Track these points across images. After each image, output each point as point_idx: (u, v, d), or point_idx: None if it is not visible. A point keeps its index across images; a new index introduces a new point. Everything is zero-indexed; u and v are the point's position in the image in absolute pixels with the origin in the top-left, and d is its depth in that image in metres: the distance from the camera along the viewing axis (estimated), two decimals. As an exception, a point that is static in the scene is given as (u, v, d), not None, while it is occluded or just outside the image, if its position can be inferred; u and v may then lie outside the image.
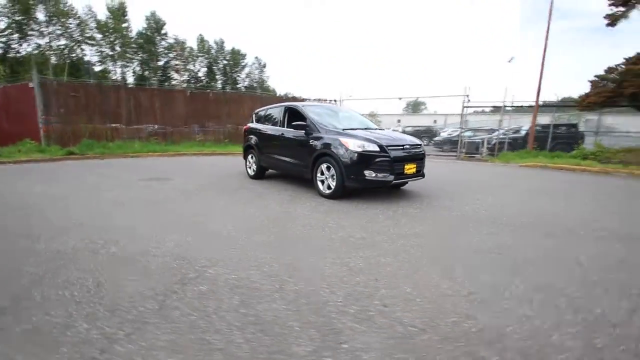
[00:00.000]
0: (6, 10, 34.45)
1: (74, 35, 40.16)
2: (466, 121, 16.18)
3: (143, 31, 47.22)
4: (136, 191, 5.58)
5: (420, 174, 5.24)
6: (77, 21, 39.95)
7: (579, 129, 16.65)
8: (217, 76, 65.01)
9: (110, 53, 44.87)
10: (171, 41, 51.14)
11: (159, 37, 49.48)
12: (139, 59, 49.00)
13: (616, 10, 11.06)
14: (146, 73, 49.72)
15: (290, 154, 5.96)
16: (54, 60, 37.89)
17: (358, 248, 3.07)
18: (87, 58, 43.06)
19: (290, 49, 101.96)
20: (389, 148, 4.80)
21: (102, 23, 42.34)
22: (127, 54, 46.33)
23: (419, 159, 5.17)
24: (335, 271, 2.57)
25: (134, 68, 48.98)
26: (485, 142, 16.44)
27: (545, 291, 2.32)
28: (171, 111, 14.62)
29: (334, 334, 1.80)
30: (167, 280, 2.38)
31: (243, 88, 65.03)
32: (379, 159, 4.72)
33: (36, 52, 36.56)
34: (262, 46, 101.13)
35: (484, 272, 2.60)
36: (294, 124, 5.63)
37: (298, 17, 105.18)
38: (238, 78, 68.02)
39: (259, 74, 70.40)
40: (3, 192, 5.43)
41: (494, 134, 17.81)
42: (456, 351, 1.69)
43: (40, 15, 37.10)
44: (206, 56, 62.29)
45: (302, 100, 16.84)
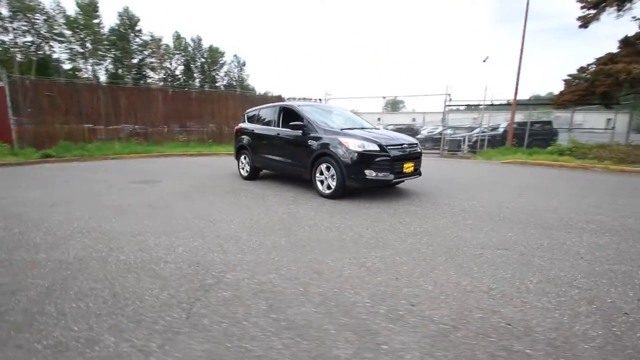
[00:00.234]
0: (-35, 3, 32.27)
1: (42, 32, 38.05)
2: (446, 119, 16.58)
3: (116, 27, 45.36)
4: (130, 195, 5.38)
5: (417, 172, 5.34)
6: (45, 17, 37.88)
7: (553, 126, 17.49)
8: (195, 74, 63.54)
9: (81, 50, 42.87)
10: (146, 38, 49.50)
11: (133, 34, 47.71)
12: (112, 56, 47.09)
13: (587, 12, 11.65)
14: (120, 71, 47.87)
15: (287, 154, 5.92)
16: (20, 58, 35.77)
17: (371, 248, 3.10)
18: (56, 55, 40.98)
19: (269, 48, 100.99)
20: (388, 147, 4.86)
21: (72, 19, 40.35)
22: (99, 51, 44.40)
23: (416, 157, 5.27)
24: (355, 272, 2.58)
25: (106, 66, 47.03)
26: (466, 140, 16.91)
27: (557, 284, 2.43)
28: (152, 111, 14.16)
29: (370, 335, 1.81)
30: (187, 287, 2.31)
31: (222, 87, 63.91)
32: (379, 159, 4.77)
33: (0, 49, 34.41)
34: (241, 44, 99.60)
35: (497, 267, 2.69)
36: (291, 124, 5.59)
37: (276, 15, 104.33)
38: (217, 76, 66.74)
39: (238, 72, 69.34)
40: (-19, 199, 5.10)
41: (473, 132, 18.42)
42: (491, 346, 1.74)
43: (4, 10, 34.96)
44: (183, 54, 60.70)
45: (284, 99, 16.73)
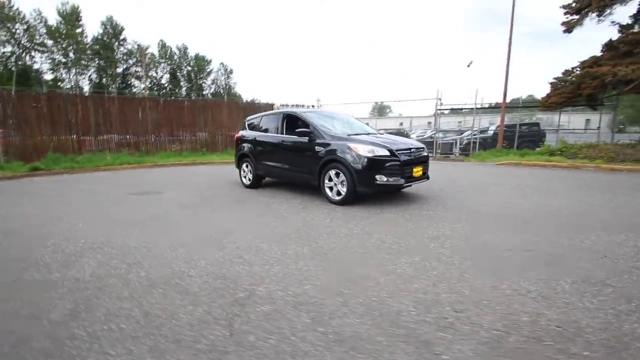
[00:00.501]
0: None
1: (22, 42, 37.05)
2: (438, 123, 16.84)
3: (99, 37, 44.59)
4: (132, 207, 5.20)
5: (425, 175, 5.36)
6: (25, 26, 36.93)
7: (540, 128, 17.98)
8: (182, 83, 62.98)
9: (63, 60, 41.90)
10: (130, 47, 48.82)
11: (117, 43, 46.98)
12: (96, 65, 46.19)
13: (571, 18, 12.08)
14: (104, 80, 46.96)
15: (293, 161, 5.85)
16: (-1, 69, 34.75)
17: (396, 254, 3.06)
18: (37, 66, 39.94)
19: (256, 55, 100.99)
20: (398, 152, 4.86)
21: (54, 28, 39.48)
22: (82, 61, 43.48)
23: (423, 161, 5.29)
24: (388, 279, 2.53)
25: (90, 75, 46.06)
26: (457, 143, 17.19)
27: (591, 283, 2.43)
28: (143, 120, 13.87)
29: (424, 345, 1.76)
30: (220, 303, 2.22)
31: (209, 95, 63.51)
32: (389, 163, 4.76)
33: (-23, 59, 33.33)
34: (227, 52, 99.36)
35: (527, 269, 2.69)
36: (297, 130, 5.54)
37: (262, 23, 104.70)
38: (204, 84, 66.31)
39: (225, 80, 69.10)
40: (-26, 216, 4.84)
41: (463, 135, 18.78)
42: (548, 350, 1.71)
43: (-19, 19, 33.98)
44: (169, 62, 60.14)
45: (274, 106, 16.69)
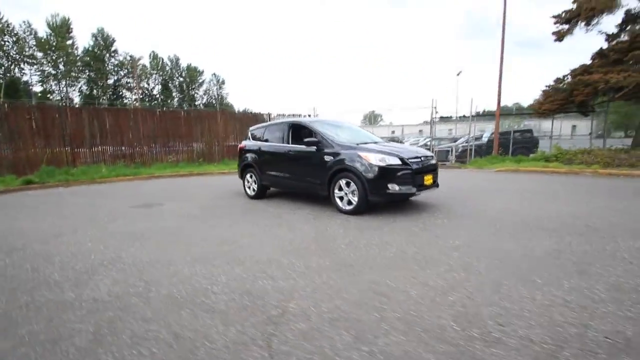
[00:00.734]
0: None
1: (11, 54, 36.52)
2: (434, 131, 17.03)
3: (90, 48, 44.28)
4: (136, 220, 5.05)
5: (435, 183, 5.34)
6: (14, 38, 36.47)
7: (533, 135, 18.31)
8: (174, 94, 62.80)
9: (53, 72, 41.40)
10: (121, 58, 48.56)
11: (108, 55, 46.70)
12: (86, 77, 45.74)
13: (561, 27, 12.45)
14: (95, 92, 46.47)
15: (301, 171, 5.78)
16: (-13, 81, 34.12)
17: (421, 265, 3.00)
18: (26, 78, 39.37)
19: (248, 65, 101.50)
20: (409, 160, 4.84)
21: (43, 40, 39.09)
22: (72, 73, 43.02)
23: (433, 169, 5.28)
24: (422, 292, 2.46)
25: (80, 87, 45.55)
26: (453, 150, 17.37)
27: (624, 290, 2.40)
28: (139, 132, 13.69)
29: (478, 362, 1.69)
30: (253, 321, 2.11)
31: (201, 105, 63.39)
32: (401, 172, 4.73)
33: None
34: (220, 63, 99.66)
35: (558, 277, 2.65)
36: (306, 140, 5.49)
37: (254, 34, 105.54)
38: (196, 95, 66.22)
39: (217, 90, 69.15)
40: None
41: (457, 142, 19.02)
42: (606, 364, 1.66)
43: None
44: (160, 73, 60.01)
45: (269, 116, 16.69)
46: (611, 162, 9.91)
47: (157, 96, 59.18)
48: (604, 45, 12.27)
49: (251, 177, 6.86)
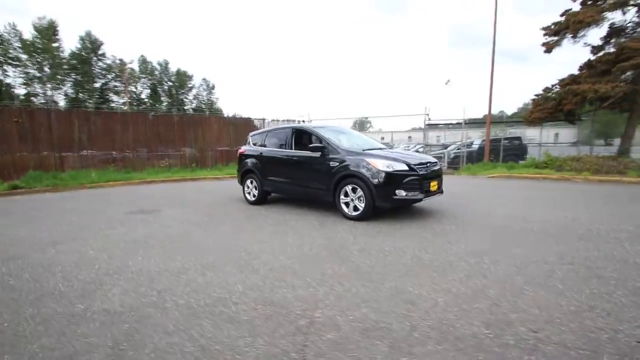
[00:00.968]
0: None
1: (-6, 56, 35.47)
2: (427, 137, 17.26)
3: (77, 51, 43.36)
4: (136, 227, 4.88)
5: (440, 189, 5.36)
6: (-2, 40, 35.47)
7: (522, 142, 18.75)
8: (162, 98, 61.98)
9: (38, 74, 40.31)
10: (109, 62, 47.67)
11: (95, 58, 45.82)
12: (72, 80, 44.68)
13: (550, 39, 12.86)
14: (80, 95, 45.40)
15: (305, 177, 5.73)
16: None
17: (440, 271, 2.97)
18: (10, 80, 38.18)
19: (238, 70, 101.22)
20: (416, 166, 4.85)
21: (29, 42, 38.09)
22: (57, 76, 41.96)
23: (438, 175, 5.30)
24: (448, 300, 2.43)
25: (65, 90, 44.43)
26: (445, 156, 17.62)
27: (646, 296, 2.43)
28: (130, 136, 13.40)
29: (520, 370, 1.66)
30: (282, 332, 2.04)
31: (191, 110, 62.76)
32: (408, 178, 4.73)
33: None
34: (210, 67, 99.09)
35: (578, 283, 2.66)
36: (311, 146, 5.45)
37: (245, 39, 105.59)
38: (185, 100, 65.53)
39: (207, 95, 68.61)
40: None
41: (449, 148, 19.32)
42: (646, 371, 1.65)
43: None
44: (149, 77, 59.20)
45: (264, 121, 16.63)
46: (600, 169, 10.20)
47: (146, 100, 58.27)
48: (584, 57, 12.75)
49: (251, 182, 6.76)
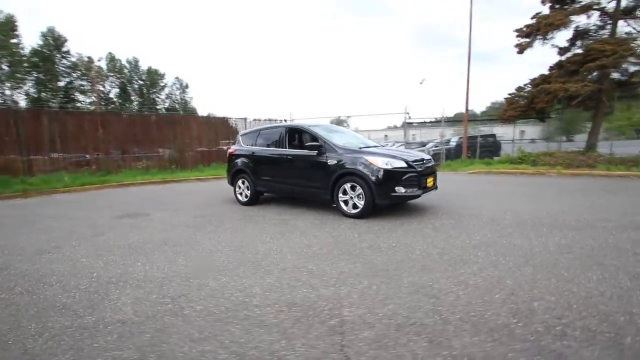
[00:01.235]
0: None
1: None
2: (408, 135, 17.62)
3: (39, 48, 40.69)
4: (127, 232, 4.64)
5: (434, 185, 5.48)
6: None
7: (496, 139, 19.58)
8: (133, 97, 59.47)
9: (-6, 72, 37.54)
10: (74, 59, 45.09)
11: (59, 55, 43.20)
12: (34, 79, 41.91)
13: (522, 40, 13.50)
14: (43, 95, 42.67)
15: (301, 176, 5.67)
16: None
17: (453, 265, 3.03)
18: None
19: (213, 70, 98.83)
20: (414, 163, 4.93)
21: (-18, 38, 35.40)
22: (16, 74, 39.21)
23: (433, 172, 5.42)
24: (468, 292, 2.48)
25: (27, 90, 41.59)
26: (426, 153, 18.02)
27: (647, 280, 2.59)
28: (104, 137, 12.78)
29: (560, 357, 1.71)
30: (316, 334, 2.00)
31: (163, 109, 60.67)
32: (407, 175, 4.80)
33: None
34: (183, 66, 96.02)
35: (583, 271, 2.79)
36: (308, 144, 5.41)
37: (219, 37, 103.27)
38: (157, 99, 63.25)
39: (180, 94, 66.60)
40: None
41: (427, 146, 19.86)
42: (669, 350, 1.76)
43: None
44: (118, 76, 56.62)
45: (245, 121, 16.38)
46: (571, 164, 10.84)
47: (115, 100, 55.68)
48: (545, 58, 13.61)
49: (243, 183, 6.62)
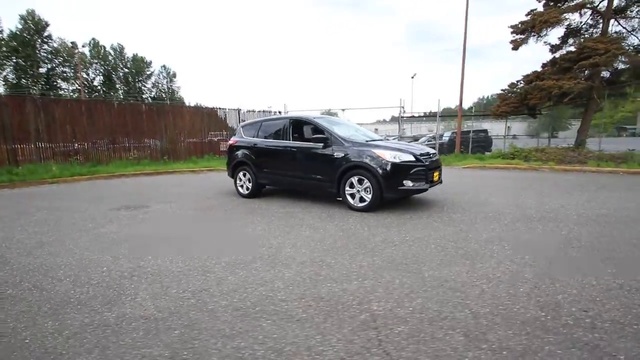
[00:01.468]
0: None
1: None
2: (401, 129, 17.70)
3: (18, 32, 38.89)
4: (128, 225, 4.51)
5: (440, 180, 5.51)
6: None
7: (488, 134, 19.86)
8: (118, 85, 57.74)
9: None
10: (56, 45, 43.30)
11: (40, 40, 41.41)
12: (12, 65, 40.12)
13: (517, 37, 13.63)
14: (23, 81, 40.96)
15: (306, 168, 5.61)
16: None
17: (470, 259, 3.05)
18: None
19: (202, 59, 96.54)
20: (421, 157, 4.93)
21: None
22: (-6, 58, 37.53)
23: (439, 166, 5.44)
24: (491, 285, 2.50)
25: (5, 76, 39.83)
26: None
27: (660, 274, 2.67)
28: (94, 126, 12.34)
29: (596, 349, 1.74)
30: (349, 329, 1.97)
31: (149, 99, 59.18)
32: (415, 169, 4.80)
33: None
34: (170, 54, 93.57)
35: (597, 264, 2.85)
36: (314, 137, 5.34)
37: (208, 26, 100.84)
38: (143, 88, 61.61)
39: (167, 83, 65.03)
40: None
41: (420, 140, 20.03)
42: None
43: None
44: (102, 63, 54.77)
45: (239, 112, 16.12)
46: (563, 159, 11.10)
47: (99, 88, 53.95)
48: (531, 55, 13.73)
49: (244, 175, 6.52)
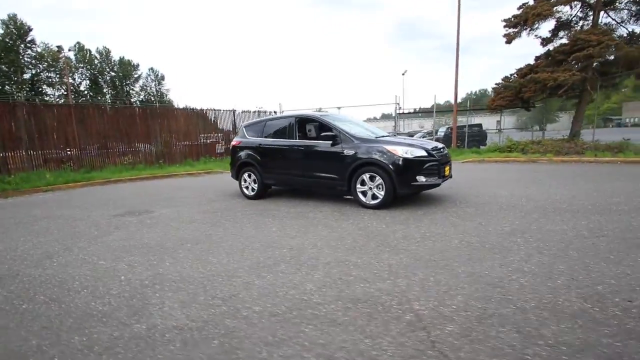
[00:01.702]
0: None
1: None
2: (397, 125, 17.71)
3: (0, 38, 37.86)
4: (137, 231, 4.36)
5: (450, 174, 5.47)
6: None
7: (482, 129, 20.03)
8: (105, 89, 56.75)
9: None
10: (40, 50, 42.25)
11: (23, 46, 40.37)
12: (-6, 71, 39.10)
13: (510, 30, 13.74)
14: (7, 88, 39.89)
15: (315, 167, 5.52)
16: None
17: (498, 252, 3.01)
18: None
19: (190, 61, 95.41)
20: (433, 152, 4.89)
21: None
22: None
23: (449, 160, 5.40)
24: (528, 279, 2.45)
25: (-13, 82, 38.79)
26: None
27: (690, 260, 2.66)
28: (86, 131, 12.04)
29: (652, 341, 1.70)
30: (397, 330, 1.90)
31: (138, 102, 58.33)
32: (428, 164, 4.75)
33: None
34: (158, 57, 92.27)
35: (625, 252, 2.83)
36: (323, 134, 5.25)
37: (195, 28, 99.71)
38: (131, 91, 60.69)
39: (156, 86, 64.15)
40: None
41: (415, 136, 20.07)
42: None
43: None
44: (88, 67, 53.72)
45: (234, 113, 15.95)
46: (560, 151, 11.22)
47: (85, 92, 52.93)
48: (522, 50, 13.89)
49: (249, 176, 6.39)
